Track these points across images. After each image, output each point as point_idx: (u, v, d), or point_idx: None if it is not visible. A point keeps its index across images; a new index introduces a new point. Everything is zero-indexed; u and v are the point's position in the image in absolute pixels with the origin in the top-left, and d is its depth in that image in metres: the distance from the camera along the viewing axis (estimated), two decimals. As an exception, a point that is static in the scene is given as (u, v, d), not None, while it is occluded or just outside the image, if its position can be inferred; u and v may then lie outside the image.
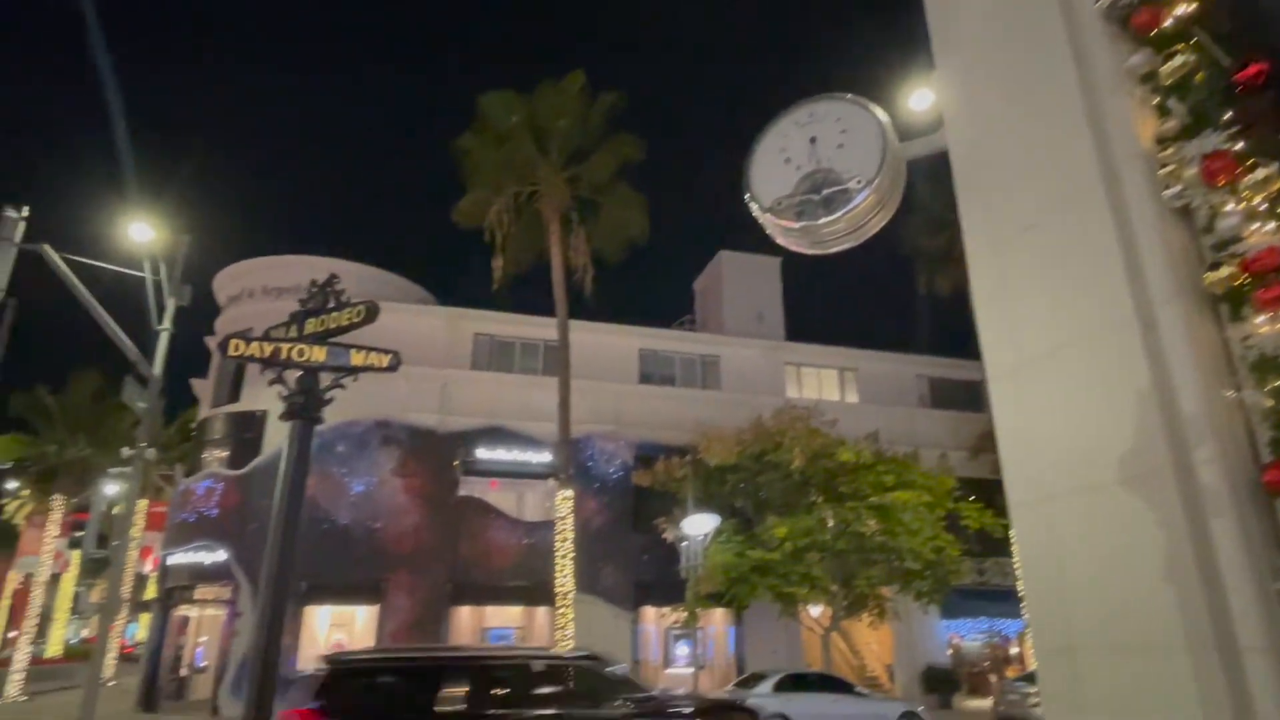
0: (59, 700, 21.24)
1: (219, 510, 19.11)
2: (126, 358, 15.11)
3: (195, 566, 19.25)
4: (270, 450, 19.46)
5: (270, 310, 21.23)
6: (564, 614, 16.70)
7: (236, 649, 17.98)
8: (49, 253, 12.99)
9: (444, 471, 20.11)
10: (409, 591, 18.99)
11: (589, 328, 21.92)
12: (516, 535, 20.16)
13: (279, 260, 22.16)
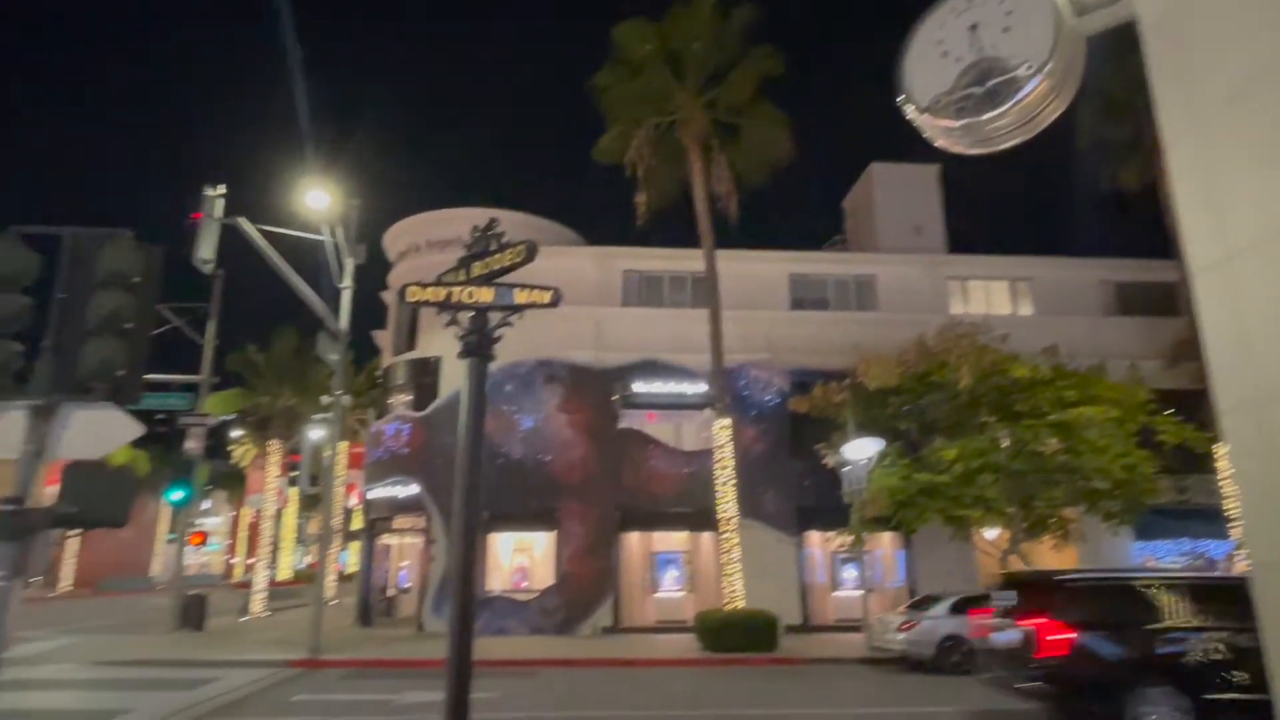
0: (293, 616, 24.52)
1: (408, 449, 20.94)
2: (317, 315, 16.67)
3: (392, 500, 21.32)
4: (447, 392, 20.97)
5: (436, 262, 22.54)
6: (728, 539, 17.08)
7: (434, 573, 19.89)
8: (244, 225, 14.44)
9: (604, 406, 20.87)
10: (580, 519, 20.11)
11: (736, 256, 21.64)
12: (676, 464, 20.68)
13: (438, 215, 23.37)
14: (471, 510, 4.31)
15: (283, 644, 17.02)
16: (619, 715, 10.54)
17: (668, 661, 15.32)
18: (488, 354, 4.58)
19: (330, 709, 10.68)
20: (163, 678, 13.06)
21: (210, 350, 22.29)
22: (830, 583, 20.86)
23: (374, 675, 13.70)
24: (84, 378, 5.62)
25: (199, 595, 20.53)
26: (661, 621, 19.98)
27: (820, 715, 10.73)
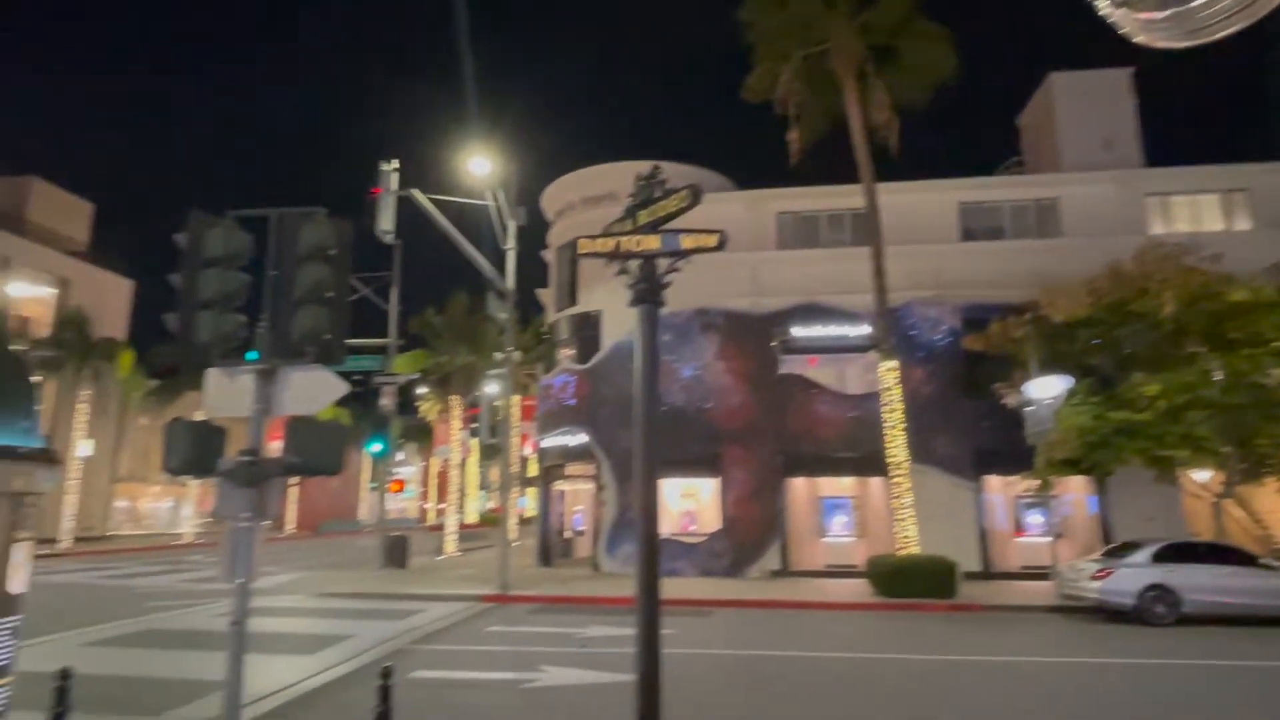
0: (481, 556, 26.60)
1: (575, 400, 21.84)
2: (485, 277, 17.58)
3: (563, 448, 22.41)
4: (609, 344, 21.59)
5: (591, 218, 23.10)
6: (899, 484, 16.56)
7: (605, 517, 20.80)
8: (417, 195, 15.40)
9: (763, 352, 20.67)
10: (743, 465, 20.21)
11: (899, 188, 20.49)
12: (841, 409, 20.21)
13: (590, 171, 23.76)
14: (651, 454, 4.44)
15: (474, 580, 18.53)
16: (797, 655, 10.64)
17: (840, 605, 15.24)
18: (658, 300, 4.65)
19: (523, 639, 11.55)
20: (377, 608, 14.64)
21: (395, 315, 24.19)
22: (1013, 528, 19.77)
23: (558, 610, 14.63)
24: (297, 343, 6.28)
25: (401, 537, 22.70)
26: (831, 566, 19.85)
27: (1011, 662, 10.30)
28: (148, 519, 43.11)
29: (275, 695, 8.11)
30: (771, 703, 8.17)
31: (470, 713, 7.68)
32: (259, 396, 6.18)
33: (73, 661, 5.78)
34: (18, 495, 3.24)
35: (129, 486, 41.16)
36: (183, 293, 6.27)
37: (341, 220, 6.59)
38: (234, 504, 5.78)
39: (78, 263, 41.00)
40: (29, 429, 3.43)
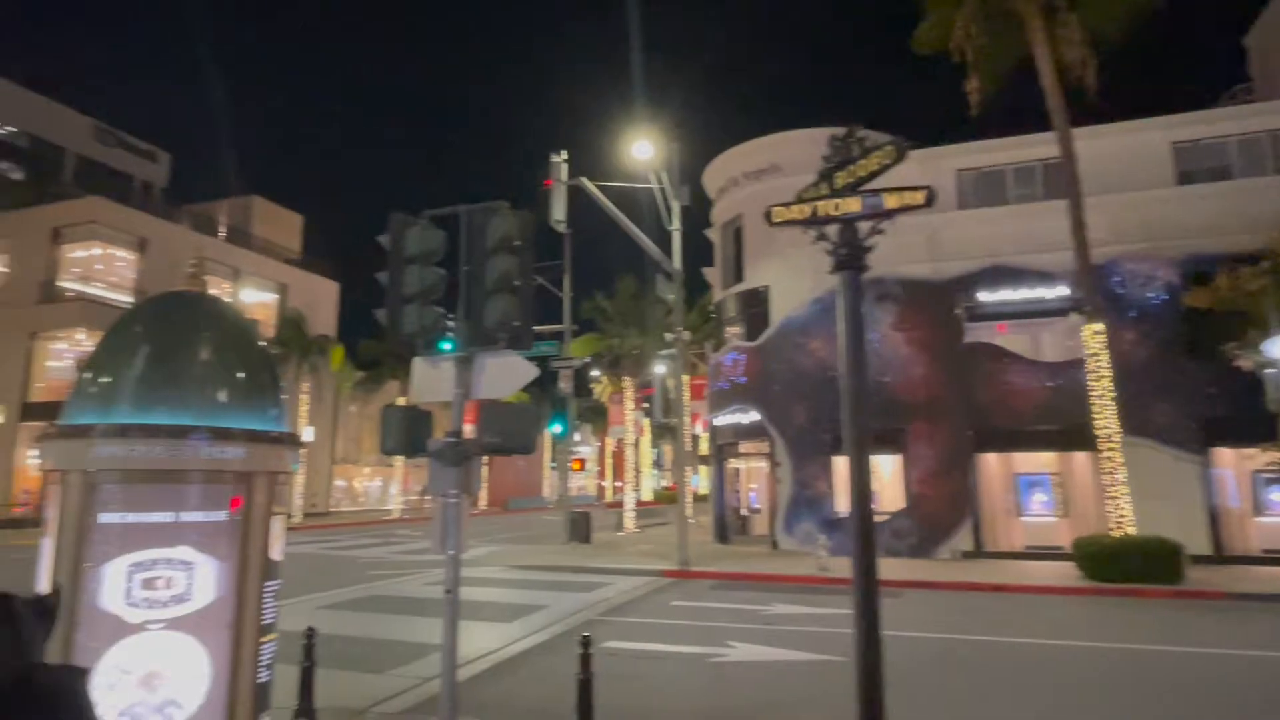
0: (658, 532, 27.22)
1: (745, 377, 21.69)
2: (652, 259, 17.81)
3: (735, 426, 22.35)
4: (778, 321, 21.22)
5: (754, 192, 22.76)
6: (1109, 458, 15.05)
7: (781, 494, 20.56)
8: (586, 184, 15.84)
9: (945, 320, 19.48)
10: (928, 440, 19.20)
11: (1098, 133, 18.49)
12: (1038, 378, 18.66)
13: (750, 146, 23.32)
14: (862, 428, 4.28)
15: (654, 556, 18.99)
16: (1000, 640, 10.01)
17: (1044, 589, 14.14)
18: (861, 266, 4.45)
19: (706, 614, 11.69)
20: (566, 581, 15.37)
21: (568, 301, 25.13)
22: (1252, 507, 17.44)
23: (738, 587, 14.68)
24: (490, 330, 6.64)
25: (584, 514, 23.68)
26: (1030, 547, 18.48)
27: (1262, 657, 9.10)
28: (361, 496, 47.91)
29: (482, 659, 8.72)
30: (978, 690, 7.74)
31: (664, 684, 7.87)
32: (458, 382, 6.59)
33: (311, 622, 6.51)
34: (273, 474, 3.65)
35: (344, 468, 45.85)
36: (388, 289, 6.79)
37: (524, 212, 6.88)
38: (442, 481, 6.22)
39: (293, 269, 45.97)
40: (278, 416, 3.84)
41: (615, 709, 6.38)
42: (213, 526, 3.36)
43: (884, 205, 4.26)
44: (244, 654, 3.37)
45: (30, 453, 33.22)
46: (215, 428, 3.41)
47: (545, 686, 7.77)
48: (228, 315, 3.99)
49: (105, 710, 3.08)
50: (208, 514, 3.36)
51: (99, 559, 3.17)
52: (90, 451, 3.24)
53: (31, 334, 34.28)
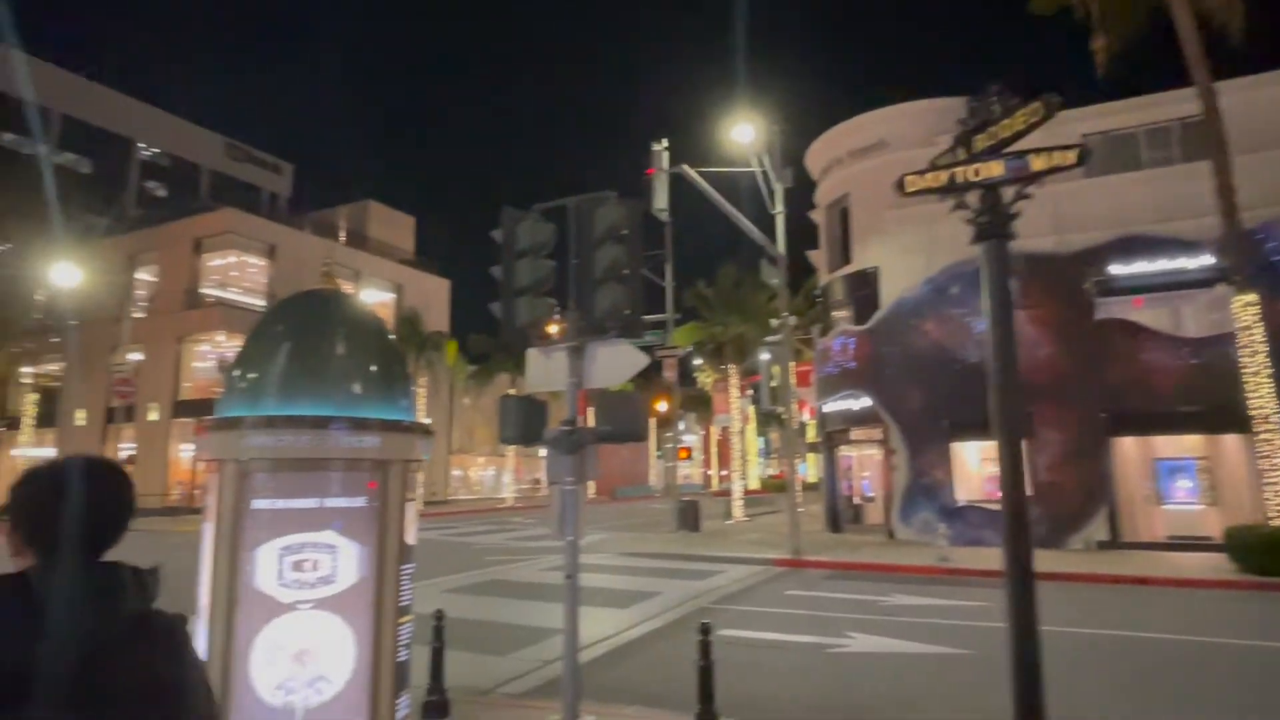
0: (767, 521, 26.93)
1: (855, 362, 21.08)
2: (754, 246, 17.54)
3: (846, 412, 21.79)
4: (889, 302, 20.50)
5: (860, 170, 22.06)
6: (1267, 440, 13.75)
7: (896, 482, 19.90)
8: (687, 171, 15.76)
9: (1073, 296, 18.27)
10: (1055, 424, 18.08)
11: (1246, 85, 16.89)
12: (1179, 355, 17.24)
13: (854, 123, 22.59)
14: (1011, 410, 4.04)
15: (764, 545, 18.79)
16: (1146, 636, 9.34)
17: (1194, 581, 13.10)
18: (1006, 234, 4.19)
19: (822, 604, 11.47)
20: (677, 568, 15.43)
21: (670, 290, 25.10)
22: None
23: (853, 577, 14.32)
24: (600, 320, 6.70)
25: (693, 502, 23.72)
26: (1174, 537, 17.16)
27: None
28: (476, 485, 49.76)
29: (599, 644, 8.87)
30: (1130, 689, 7.24)
31: (782, 673, 7.77)
32: (571, 371, 6.68)
33: (435, 606, 6.77)
34: (406, 462, 3.79)
35: (459, 457, 47.71)
36: (502, 282, 6.96)
37: (631, 200, 6.90)
38: (559, 469, 6.34)
39: (407, 269, 48.06)
40: (408, 406, 3.99)
41: (735, 697, 6.34)
42: (354, 512, 3.53)
43: (1030, 168, 3.97)
44: (385, 633, 3.52)
45: (182, 446, 36.25)
46: (353, 418, 3.58)
47: (662, 672, 7.82)
48: (359, 312, 4.17)
49: (264, 683, 3.29)
50: (349, 500, 3.53)
51: (253, 543, 3.39)
52: (242, 442, 3.46)
53: (179, 338, 37.31)
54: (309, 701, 3.32)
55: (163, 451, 36.09)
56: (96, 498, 1.47)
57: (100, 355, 36.59)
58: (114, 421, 33.33)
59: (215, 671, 3.32)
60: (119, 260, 39.35)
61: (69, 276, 31.43)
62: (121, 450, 34.14)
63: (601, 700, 6.39)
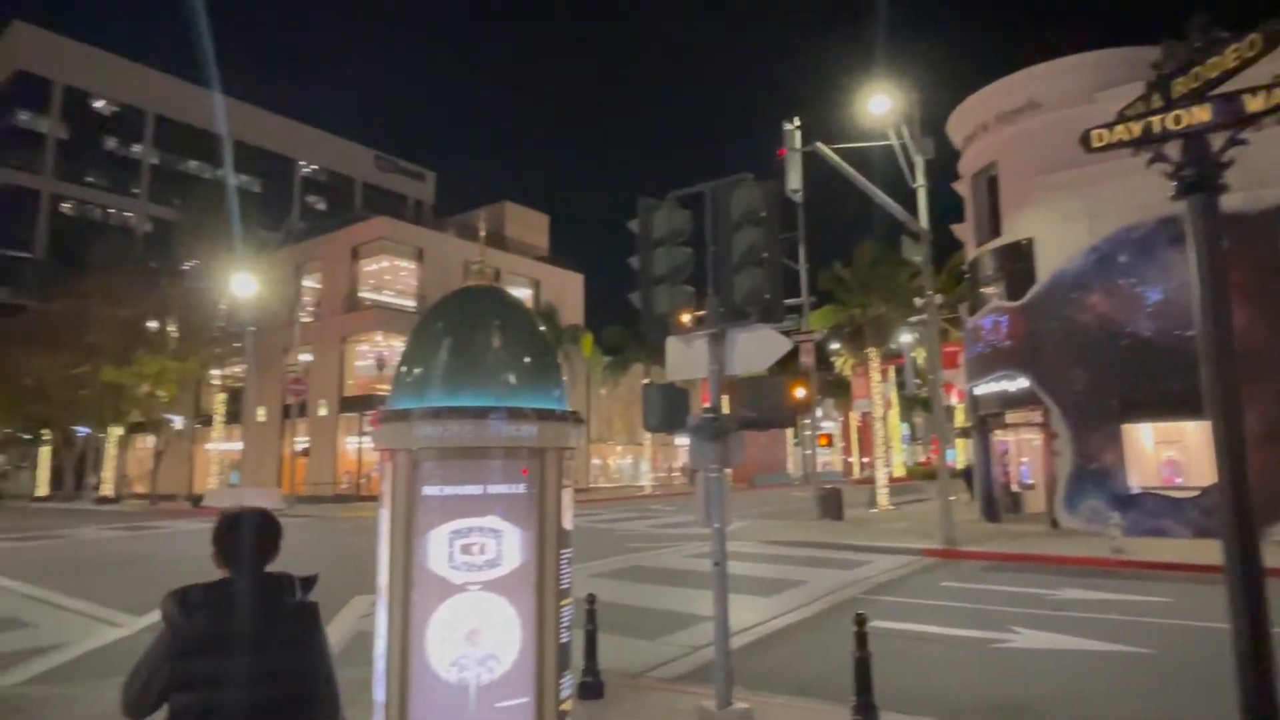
0: (915, 509, 25.86)
1: (1009, 341, 19.77)
2: (893, 223, 16.79)
3: (1000, 395, 20.49)
4: (1046, 275, 19.09)
5: (1008, 135, 20.64)
6: None
7: (1059, 468, 18.53)
8: (821, 149, 15.29)
9: (1266, 258, 16.28)
10: (1249, 401, 16.03)
11: None
12: (1406, 320, 15.00)
13: (1003, 84, 21.08)
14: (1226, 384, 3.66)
15: (914, 534, 18.05)
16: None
17: None
18: (1215, 186, 3.76)
19: (981, 597, 10.87)
20: (822, 557, 15.11)
21: (805, 273, 24.53)
22: None
23: (1015, 568, 13.49)
24: (740, 305, 6.61)
25: (835, 490, 23.14)
26: (1401, 529, 14.99)
27: None
28: (615, 473, 50.85)
29: (746, 631, 8.81)
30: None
31: (942, 667, 7.43)
32: (712, 358, 6.64)
33: (586, 590, 6.94)
34: (560, 450, 3.89)
35: (598, 446, 48.90)
36: (640, 271, 7.01)
37: (768, 182, 6.76)
38: (703, 456, 6.32)
39: (543, 265, 49.67)
40: (560, 396, 4.10)
41: (892, 690, 6.12)
42: (514, 498, 3.67)
43: (1245, 109, 3.51)
44: (547, 615, 3.64)
45: (348, 439, 39.26)
46: (511, 408, 3.71)
47: (812, 662, 7.68)
48: (512, 306, 4.33)
49: (439, 660, 3.49)
50: (510, 486, 3.67)
51: (425, 527, 3.59)
52: (412, 432, 3.67)
53: (342, 339, 40.36)
54: (481, 679, 3.48)
55: (332, 444, 39.22)
56: (257, 535, 2.43)
57: (275, 357, 40.20)
58: (289, 417, 36.57)
59: (395, 647, 3.55)
60: (287, 270, 43.03)
61: (247, 287, 34.75)
62: (297, 443, 37.35)
63: (751, 687, 6.35)
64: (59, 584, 12.76)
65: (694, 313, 7.28)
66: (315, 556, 15.12)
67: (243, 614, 2.27)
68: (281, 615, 2.34)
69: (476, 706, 3.46)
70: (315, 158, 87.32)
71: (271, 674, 2.23)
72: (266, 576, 2.40)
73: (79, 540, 21.24)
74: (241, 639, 2.23)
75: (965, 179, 23.21)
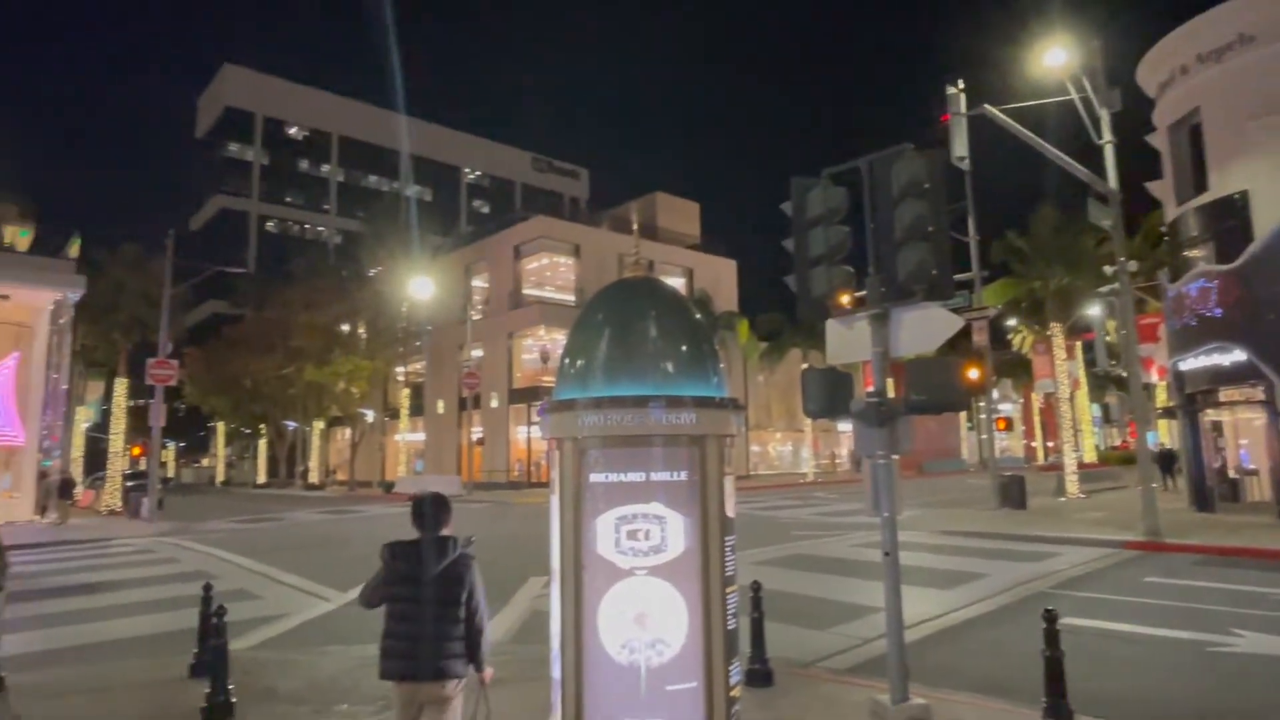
0: (1109, 498, 23.62)
1: (1221, 309, 17.54)
2: (1074, 187, 15.35)
3: (1212, 370, 18.23)
4: (1265, 233, 16.76)
5: (1217, 76, 18.29)
6: None
7: (1287, 451, 16.26)
8: (990, 111, 14.23)
9: None
10: None
11: None
12: None
13: (1204, 20, 18.62)
14: None
15: (1109, 524, 16.51)
16: None
17: None
18: None
19: (1195, 594, 9.75)
20: (1003, 549, 14.15)
21: (975, 245, 22.97)
22: None
23: (1235, 564, 12.00)
24: (904, 283, 6.29)
25: (1017, 477, 21.59)
26: None
27: None
28: (775, 461, 50.25)
29: (922, 625, 8.41)
30: None
31: (1145, 670, 6.74)
32: (875, 340, 6.37)
33: (751, 578, 6.89)
34: (721, 437, 3.88)
35: (756, 433, 48.53)
36: (795, 253, 6.84)
37: (932, 150, 6.37)
38: (870, 442, 6.09)
39: (695, 253, 49.79)
40: (719, 383, 4.08)
41: (1087, 692, 5.64)
42: (676, 485, 3.70)
43: None
44: (713, 602, 3.64)
45: (518, 428, 41.36)
46: (669, 396, 3.74)
47: (995, 659, 7.22)
48: (668, 295, 4.35)
49: (610, 641, 3.59)
50: (671, 474, 3.70)
51: (592, 513, 3.70)
52: (577, 421, 3.78)
53: (509, 334, 42.53)
54: (651, 662, 3.55)
55: (504, 433, 41.50)
56: (434, 510, 3.79)
57: (450, 353, 43.02)
58: (465, 409, 39.06)
59: (569, 628, 3.69)
60: (458, 272, 45.87)
61: (424, 289, 37.41)
62: (473, 433, 39.82)
63: (928, 683, 6.06)
64: (278, 561, 14.39)
65: (853, 293, 7.01)
66: (491, 538, 16.07)
67: (426, 559, 3.68)
68: (448, 561, 3.70)
69: (647, 688, 3.54)
70: (478, 164, 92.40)
71: (441, 597, 3.64)
72: (440, 537, 3.75)
73: (291, 523, 23.82)
74: (425, 574, 3.66)
75: (1161, 130, 20.79)
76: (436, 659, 3.58)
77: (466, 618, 3.67)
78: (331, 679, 6.61)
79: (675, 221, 52.67)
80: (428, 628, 3.58)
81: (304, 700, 6.09)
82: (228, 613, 5.98)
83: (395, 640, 3.63)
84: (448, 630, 3.60)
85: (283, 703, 6.05)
